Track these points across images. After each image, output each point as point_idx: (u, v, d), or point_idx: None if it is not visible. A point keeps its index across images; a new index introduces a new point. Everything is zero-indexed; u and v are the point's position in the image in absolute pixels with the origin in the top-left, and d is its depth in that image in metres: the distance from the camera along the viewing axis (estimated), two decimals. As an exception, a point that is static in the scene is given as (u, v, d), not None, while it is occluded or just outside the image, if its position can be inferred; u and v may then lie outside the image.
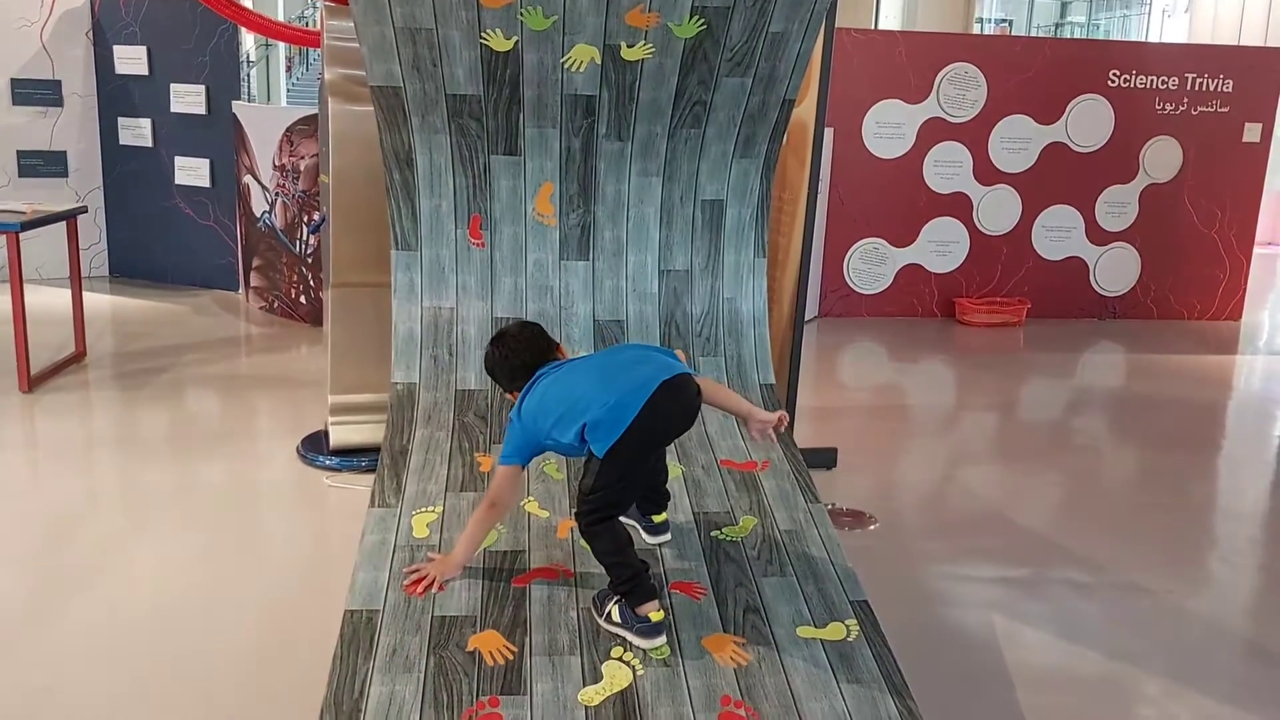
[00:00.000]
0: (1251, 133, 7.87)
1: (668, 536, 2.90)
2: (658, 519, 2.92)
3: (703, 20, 3.36)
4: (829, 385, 6.15)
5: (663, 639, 2.45)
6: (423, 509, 3.02)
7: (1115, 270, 8.01)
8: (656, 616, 2.45)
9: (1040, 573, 3.70)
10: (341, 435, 4.43)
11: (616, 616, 2.48)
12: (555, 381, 2.61)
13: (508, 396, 2.78)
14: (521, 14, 3.30)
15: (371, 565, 2.71)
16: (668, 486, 2.99)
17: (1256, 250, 8.32)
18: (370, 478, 3.37)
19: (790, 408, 4.46)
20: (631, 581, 2.47)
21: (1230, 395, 6.35)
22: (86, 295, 5.96)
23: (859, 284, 7.82)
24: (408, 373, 3.76)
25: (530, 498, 3.14)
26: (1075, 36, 33.50)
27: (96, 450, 4.66)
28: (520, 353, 2.73)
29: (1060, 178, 7.77)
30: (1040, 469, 4.84)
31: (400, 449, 3.37)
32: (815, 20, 3.45)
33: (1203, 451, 5.23)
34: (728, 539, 2.93)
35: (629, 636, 2.44)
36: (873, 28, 16.05)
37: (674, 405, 2.52)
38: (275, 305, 7.05)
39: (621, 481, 2.51)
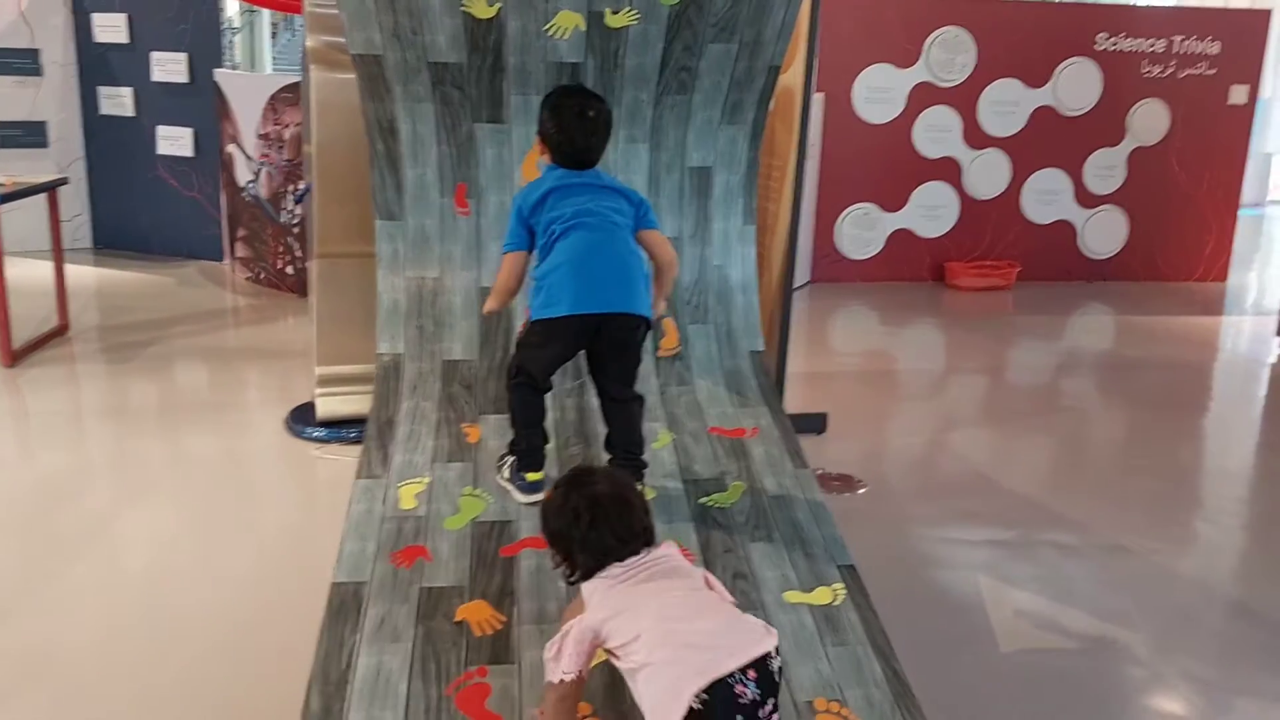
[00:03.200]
0: (1237, 95, 7.86)
1: (538, 497, 2.84)
2: (537, 476, 2.91)
3: (687, -15, 3.33)
4: (819, 351, 6.15)
5: (539, 496, 2.80)
6: (410, 480, 3.02)
7: (1103, 233, 8.01)
8: (534, 477, 2.87)
9: (1028, 535, 3.72)
10: (329, 406, 4.42)
11: (506, 473, 2.96)
12: (560, 202, 2.84)
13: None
14: (504, -21, 3.26)
15: (359, 536, 2.71)
16: (647, 456, 2.99)
17: (1242, 212, 8.33)
18: (357, 449, 3.36)
19: (780, 374, 4.46)
20: (524, 450, 2.91)
21: (1216, 356, 6.38)
22: (70, 268, 5.92)
23: (849, 249, 7.81)
24: (393, 344, 3.74)
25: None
26: (1064, -2, 33.27)
27: (83, 423, 4.65)
28: None
29: (1049, 141, 7.75)
30: (1028, 432, 4.86)
31: (387, 420, 3.37)
32: (800, -16, 3.42)
33: (1189, 413, 5.26)
34: (716, 505, 2.94)
35: (512, 491, 2.90)
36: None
37: (608, 335, 2.83)
38: (261, 276, 7.01)
39: (539, 350, 2.84)
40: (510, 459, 2.95)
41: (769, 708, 1.83)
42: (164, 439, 4.38)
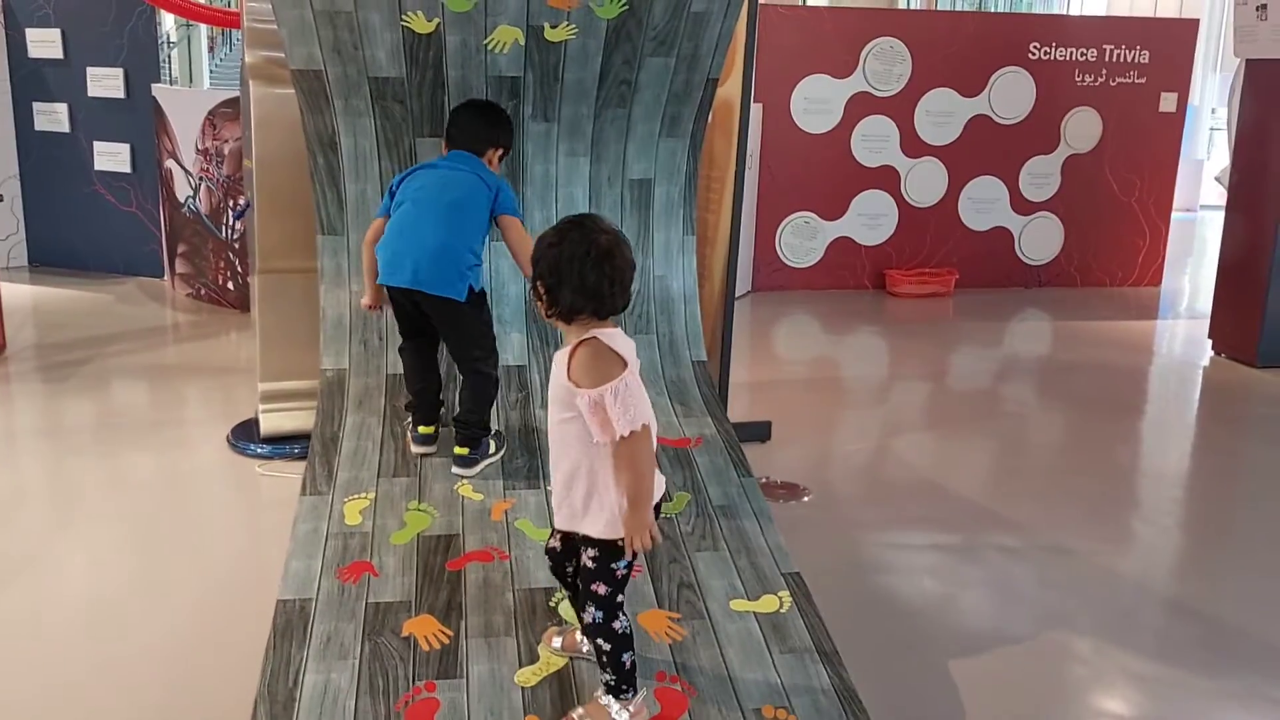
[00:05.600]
0: (1167, 102, 8.07)
1: (429, 449, 3.33)
2: (424, 430, 3.35)
3: (624, 1, 3.36)
4: (763, 359, 6.21)
5: (428, 449, 3.30)
6: (355, 495, 3.01)
7: (1040, 239, 8.17)
8: (424, 430, 3.33)
9: (972, 538, 3.79)
10: (272, 423, 4.38)
11: (408, 432, 3.39)
12: (410, 181, 3.29)
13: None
14: (442, -5, 3.27)
15: (304, 554, 2.70)
16: None
17: (1174, 217, 8.54)
18: (302, 465, 3.34)
19: (723, 383, 4.50)
20: (411, 404, 3.41)
21: (1152, 360, 6.54)
22: (5, 286, 5.80)
23: (790, 258, 7.89)
24: (337, 359, 3.73)
25: (463, 480, 3.14)
26: (998, 8, 33.93)
27: (19, 443, 4.56)
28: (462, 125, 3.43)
29: (985, 149, 7.91)
30: (970, 436, 4.95)
31: (331, 436, 3.35)
32: (736, 0, 3.46)
33: (1126, 415, 5.38)
34: (662, 515, 2.96)
35: (410, 444, 3.33)
36: (799, 3, 16.11)
37: (428, 309, 3.26)
38: (202, 292, 6.92)
39: (390, 308, 3.41)
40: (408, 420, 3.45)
41: None
42: (103, 459, 4.31)
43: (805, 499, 4.05)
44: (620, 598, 2.17)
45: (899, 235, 7.96)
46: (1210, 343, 6.43)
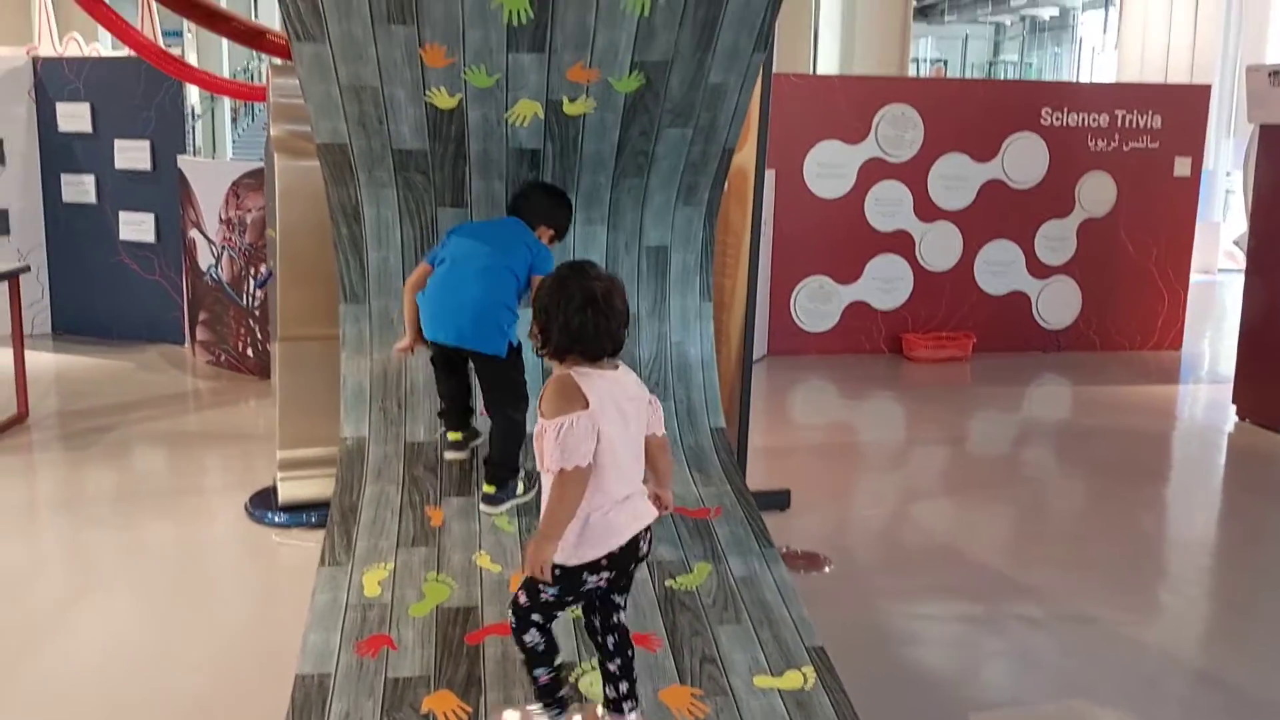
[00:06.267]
0: (1182, 167, 8.10)
1: (460, 455, 3.64)
2: (453, 436, 3.64)
3: (642, 75, 3.42)
4: (780, 425, 6.19)
5: (459, 455, 3.62)
6: (373, 566, 3.00)
7: (1057, 303, 8.17)
8: (453, 436, 3.62)
9: (995, 607, 3.74)
10: (290, 491, 4.38)
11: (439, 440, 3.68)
12: (451, 242, 3.49)
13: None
14: (465, 72, 3.33)
15: (322, 627, 2.69)
16: None
17: (1193, 279, 8.53)
18: (319, 534, 3.34)
19: (742, 449, 4.49)
20: (443, 413, 3.64)
21: (1174, 425, 6.49)
22: (29, 354, 5.86)
23: (806, 322, 7.90)
24: (357, 427, 3.74)
25: (482, 551, 3.13)
26: (1008, 74, 34.37)
27: (40, 513, 4.57)
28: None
29: (999, 214, 7.94)
30: (991, 502, 4.90)
31: (350, 505, 3.35)
32: (752, 72, 3.51)
33: (1149, 481, 5.32)
34: (682, 588, 2.94)
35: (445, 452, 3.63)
36: (811, 72, 16.35)
37: (471, 362, 3.50)
38: (222, 359, 6.98)
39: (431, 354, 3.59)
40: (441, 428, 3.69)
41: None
42: (121, 528, 4.32)
43: (826, 569, 4.01)
44: (536, 617, 2.30)
45: (914, 299, 7.98)
46: (1234, 408, 6.37)
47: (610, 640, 2.37)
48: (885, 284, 7.94)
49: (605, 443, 2.23)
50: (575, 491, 2.21)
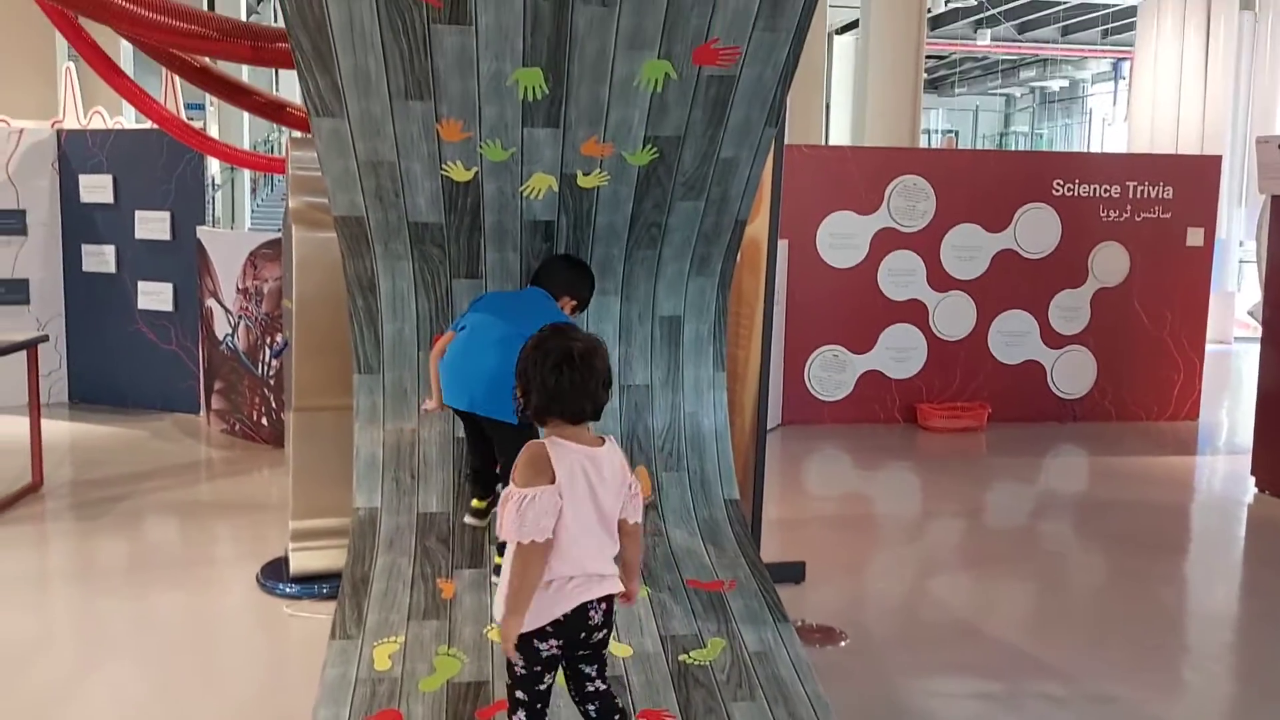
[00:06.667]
0: (1194, 237, 8.12)
1: (479, 523, 3.65)
2: (476, 504, 3.65)
3: (655, 149, 3.46)
4: (795, 495, 6.15)
5: (478, 522, 3.61)
6: (384, 639, 2.97)
7: (1072, 373, 8.14)
8: (477, 504, 3.61)
9: (1015, 685, 3.67)
10: (302, 562, 4.36)
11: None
12: (473, 311, 3.59)
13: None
14: (481, 147, 3.38)
15: (333, 701, 2.66)
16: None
17: (1208, 348, 8.50)
18: (331, 605, 3.31)
19: (756, 521, 4.45)
20: (468, 481, 3.72)
21: (1193, 497, 6.42)
22: (45, 423, 5.88)
23: (820, 391, 7.89)
24: (369, 497, 3.73)
25: (494, 624, 3.09)
26: (1019, 145, 34.70)
27: (51, 584, 4.56)
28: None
29: (1012, 283, 7.95)
30: (1009, 576, 4.84)
31: (361, 577, 3.33)
32: (764, 146, 3.56)
33: (1170, 555, 5.25)
34: (696, 663, 2.90)
35: (467, 519, 3.63)
36: (823, 143, 16.52)
37: (485, 426, 3.52)
38: (237, 427, 6.99)
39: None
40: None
41: (604, 634, 2.38)
42: (132, 598, 4.29)
43: (842, 644, 3.95)
44: (520, 694, 2.34)
45: (929, 369, 7.96)
46: (1253, 479, 6.30)
47: (591, 709, 2.39)
48: (899, 353, 7.94)
49: (568, 518, 2.26)
50: (534, 566, 2.24)
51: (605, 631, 2.38)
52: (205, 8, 18.19)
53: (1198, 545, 5.54)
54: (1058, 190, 7.93)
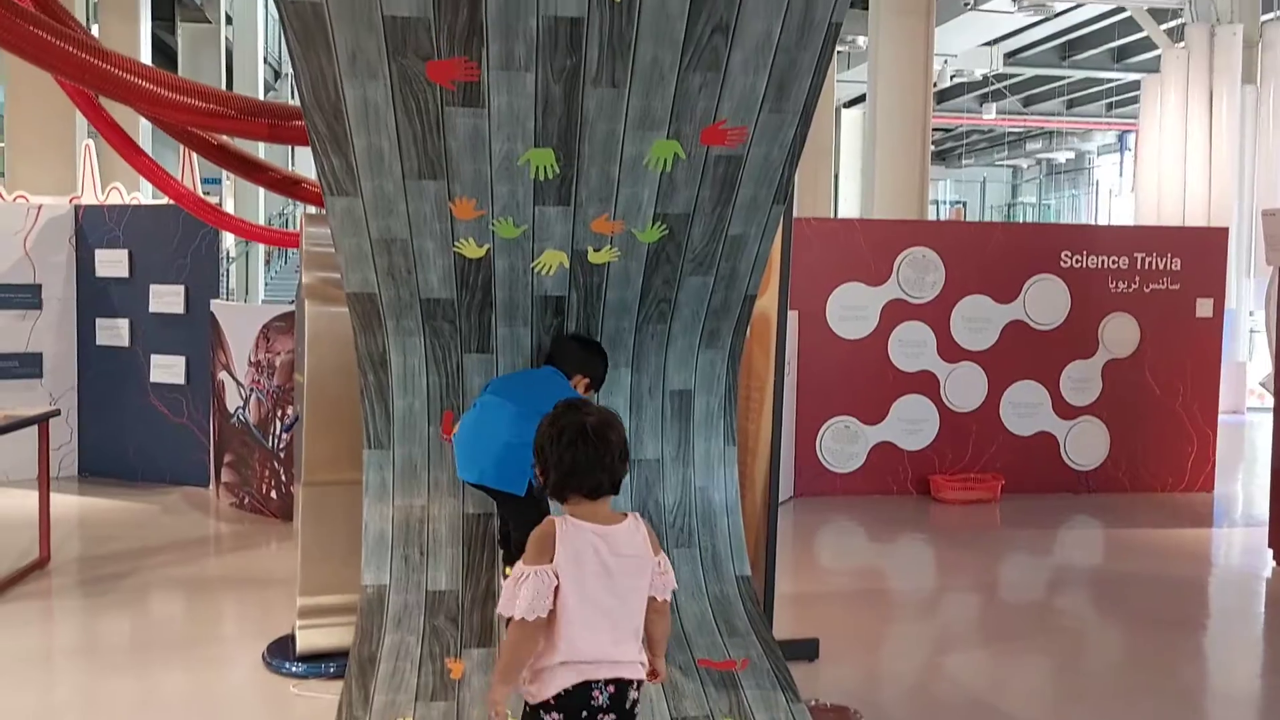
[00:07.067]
0: (1204, 308, 8.12)
1: None
2: (509, 571, 3.64)
3: (665, 226, 3.49)
4: (808, 569, 6.08)
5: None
6: (391, 722, 2.93)
7: (1085, 444, 8.08)
8: (508, 570, 3.30)
9: (1032, 766, 3.59)
10: (309, 640, 4.31)
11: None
12: (489, 386, 3.70)
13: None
14: (493, 224, 3.41)
15: (337, 787, 2.61)
16: None
17: (1221, 418, 8.45)
18: (338, 684, 3.27)
19: (768, 597, 4.40)
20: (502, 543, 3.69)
21: (1210, 570, 6.33)
22: (54, 497, 5.88)
23: (832, 463, 7.85)
24: (378, 574, 3.70)
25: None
26: (1027, 216, 34.96)
27: (56, 662, 4.51)
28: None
29: (1023, 354, 7.94)
30: (1026, 652, 4.76)
31: (369, 656, 3.29)
32: (772, 223, 3.59)
33: (1188, 631, 5.16)
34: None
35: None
36: (832, 215, 16.67)
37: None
38: (246, 501, 6.98)
39: None
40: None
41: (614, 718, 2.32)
42: (137, 677, 4.25)
43: (856, 723, 3.88)
44: None
45: (941, 440, 7.92)
46: (1271, 552, 6.22)
47: None
48: (911, 424, 7.91)
49: (571, 598, 2.27)
50: (525, 643, 2.28)
51: (615, 716, 2.33)
52: (224, 85, 18.58)
53: (1217, 621, 5.45)
54: (1066, 262, 7.96)
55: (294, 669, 4.25)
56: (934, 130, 16.86)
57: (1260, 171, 13.09)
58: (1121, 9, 16.12)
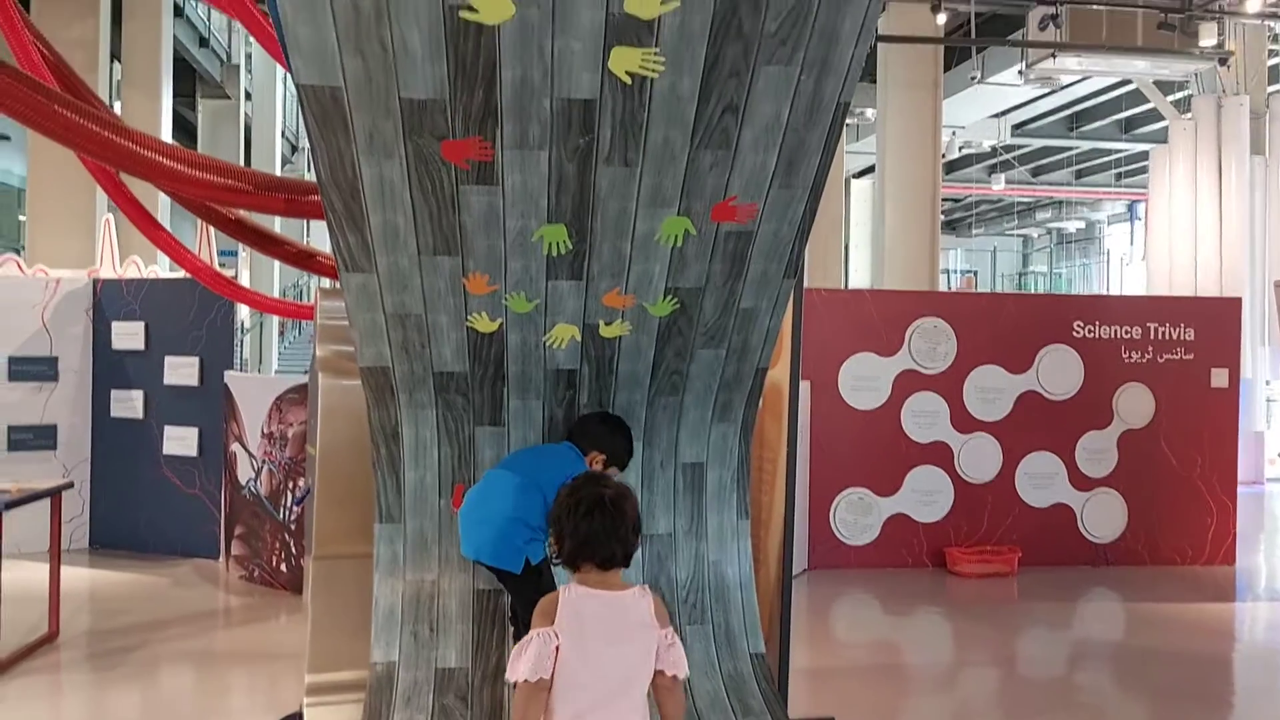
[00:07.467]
0: (1219, 378, 8.08)
1: None
2: None
3: (676, 300, 3.51)
4: (823, 644, 5.99)
5: None
6: (399, 805, 2.87)
7: (1103, 516, 7.99)
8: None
9: None
10: (318, 717, 4.24)
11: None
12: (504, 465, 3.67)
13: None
14: (506, 299, 3.44)
15: None
16: None
17: (1241, 489, 8.35)
18: (346, 767, 3.21)
19: (783, 674, 4.32)
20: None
21: (1233, 646, 6.21)
22: (65, 569, 5.85)
23: (846, 535, 7.78)
24: (387, 651, 3.67)
25: None
26: (1038, 285, 35.01)
27: (61, 739, 4.46)
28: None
29: (1037, 425, 7.90)
30: (1046, 732, 4.66)
31: (378, 736, 3.24)
32: (783, 297, 3.60)
33: (1214, 710, 5.05)
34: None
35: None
36: (843, 286, 16.73)
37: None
38: (256, 574, 6.94)
39: None
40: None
41: None
42: (143, 756, 4.19)
43: (874, 805, 3.79)
44: None
45: (956, 512, 7.85)
46: (1295, 626, 6.12)
47: None
48: (925, 496, 7.84)
49: (573, 660, 2.33)
50: (532, 704, 2.35)
51: None
52: (242, 159, 18.91)
53: (1243, 700, 5.33)
54: (1078, 332, 7.95)
55: (301, 748, 4.18)
56: (944, 200, 16.96)
57: (1271, 240, 13.12)
58: (1127, 81, 16.30)
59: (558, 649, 2.34)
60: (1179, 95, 15.23)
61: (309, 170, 14.08)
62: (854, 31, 2.84)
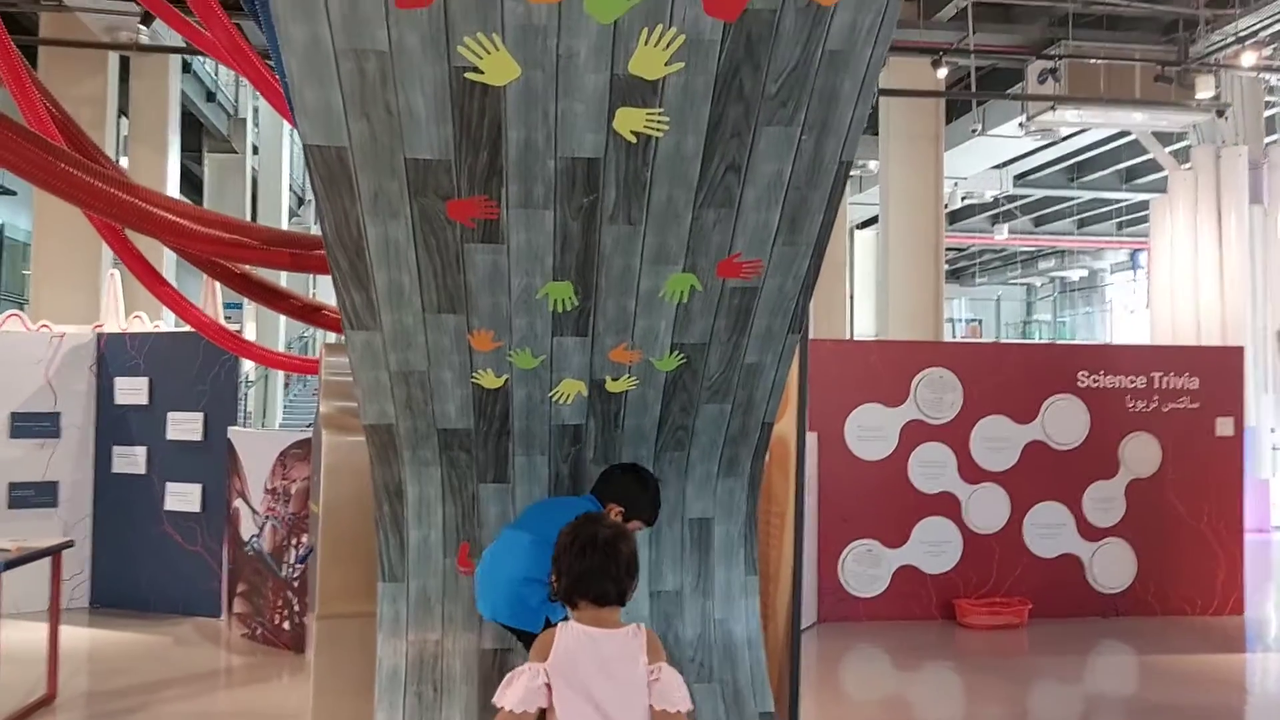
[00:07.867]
0: (1224, 427, 8.05)
1: None
2: None
3: (682, 355, 3.51)
4: (832, 700, 5.91)
5: None
6: None
7: (1111, 566, 7.93)
8: None
9: None
10: (320, 783, 4.18)
11: None
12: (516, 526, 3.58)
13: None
14: (511, 355, 3.43)
15: None
16: None
17: (1248, 537, 8.28)
18: (348, 834, 3.15)
19: (792, 733, 4.26)
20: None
21: (1246, 699, 6.12)
22: (64, 629, 5.80)
23: (855, 587, 7.70)
24: (390, 713, 3.61)
25: None
26: (1042, 333, 35.04)
27: (59, 804, 4.38)
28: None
29: (1044, 475, 7.86)
30: (1060, 791, 4.58)
31: (380, 803, 3.18)
32: (788, 352, 3.59)
33: (1228, 764, 4.97)
34: None
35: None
36: (847, 333, 16.75)
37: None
38: (258, 632, 6.87)
39: None
40: None
41: None
42: (142, 821, 4.12)
43: None
44: None
45: (964, 563, 7.78)
46: (1310, 679, 6.04)
47: None
48: (934, 547, 7.78)
49: (564, 693, 2.41)
50: None
51: None
52: (249, 212, 19.04)
53: (1260, 754, 5.25)
54: (1083, 381, 7.94)
55: (303, 812, 4.11)
56: (947, 249, 17.02)
57: (1272, 289, 13.14)
58: (1127, 132, 16.42)
59: (549, 685, 2.43)
60: (1178, 145, 15.33)
61: (315, 224, 14.18)
62: (854, 92, 2.86)
